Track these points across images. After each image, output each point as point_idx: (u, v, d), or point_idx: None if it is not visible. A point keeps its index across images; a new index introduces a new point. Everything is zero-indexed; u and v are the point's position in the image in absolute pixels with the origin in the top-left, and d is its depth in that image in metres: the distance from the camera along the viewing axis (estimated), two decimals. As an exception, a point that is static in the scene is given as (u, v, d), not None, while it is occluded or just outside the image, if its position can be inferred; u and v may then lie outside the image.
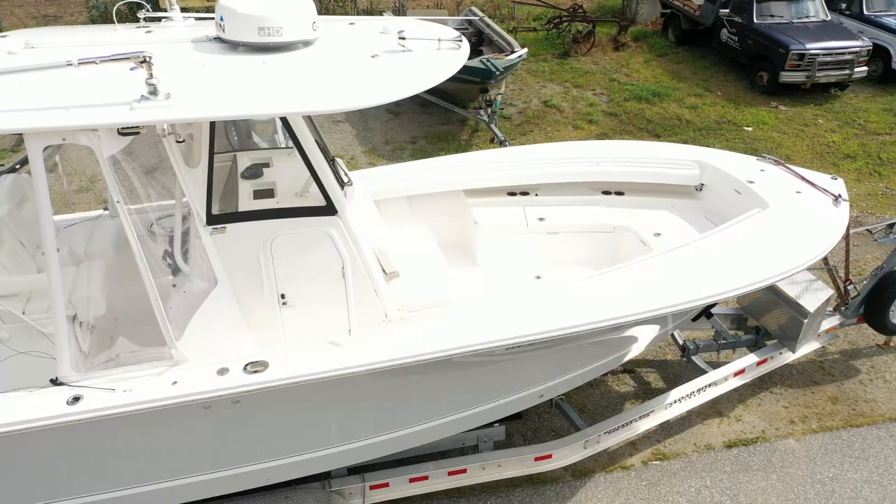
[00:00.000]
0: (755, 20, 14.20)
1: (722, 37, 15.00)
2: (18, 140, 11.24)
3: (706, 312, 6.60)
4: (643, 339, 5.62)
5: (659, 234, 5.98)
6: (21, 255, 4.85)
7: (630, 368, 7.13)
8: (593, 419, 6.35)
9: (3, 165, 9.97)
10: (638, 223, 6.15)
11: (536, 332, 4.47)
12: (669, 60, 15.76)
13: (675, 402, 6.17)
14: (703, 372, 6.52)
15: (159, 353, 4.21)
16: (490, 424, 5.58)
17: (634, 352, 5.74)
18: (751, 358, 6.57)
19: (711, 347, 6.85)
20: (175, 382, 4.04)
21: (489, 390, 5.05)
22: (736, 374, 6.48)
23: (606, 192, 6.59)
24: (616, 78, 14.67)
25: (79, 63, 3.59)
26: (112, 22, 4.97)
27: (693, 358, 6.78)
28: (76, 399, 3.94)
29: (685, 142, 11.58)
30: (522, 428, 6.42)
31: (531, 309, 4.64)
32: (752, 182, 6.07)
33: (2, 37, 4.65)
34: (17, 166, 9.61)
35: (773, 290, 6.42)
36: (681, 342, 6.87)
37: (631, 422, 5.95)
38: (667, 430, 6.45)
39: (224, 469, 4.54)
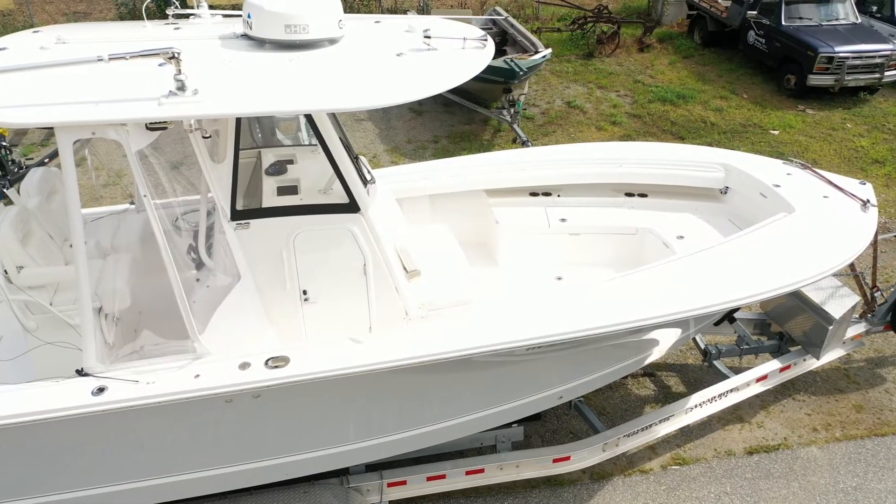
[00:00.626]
0: (783, 22, 14.03)
1: (749, 39, 14.83)
2: (47, 134, 11.43)
3: (729, 317, 6.52)
4: (664, 343, 5.58)
5: (682, 237, 5.93)
6: (49, 248, 4.93)
7: (650, 372, 7.08)
8: (612, 422, 6.31)
9: (31, 159, 10.16)
10: (661, 225, 6.11)
11: (557, 333, 4.46)
12: (695, 62, 15.62)
13: (695, 406, 6.12)
14: (725, 377, 6.45)
15: (182, 347, 4.25)
16: (508, 425, 5.58)
17: (655, 355, 5.70)
18: (774, 364, 6.50)
19: (734, 352, 6.78)
20: (197, 376, 4.08)
21: (508, 391, 5.04)
22: (758, 380, 6.41)
23: (629, 194, 6.55)
24: (640, 79, 14.57)
25: (109, 58, 3.64)
26: (140, 19, 5.04)
27: (715, 362, 6.71)
28: (101, 390, 4.00)
29: (710, 145, 11.46)
30: (541, 429, 6.40)
31: (552, 310, 4.63)
32: (777, 186, 6.00)
33: (34, 32, 4.73)
34: (46, 160, 9.80)
35: (797, 296, 6.34)
36: (702, 346, 6.81)
37: (651, 426, 5.91)
38: (687, 434, 6.39)
39: (244, 463, 4.58)
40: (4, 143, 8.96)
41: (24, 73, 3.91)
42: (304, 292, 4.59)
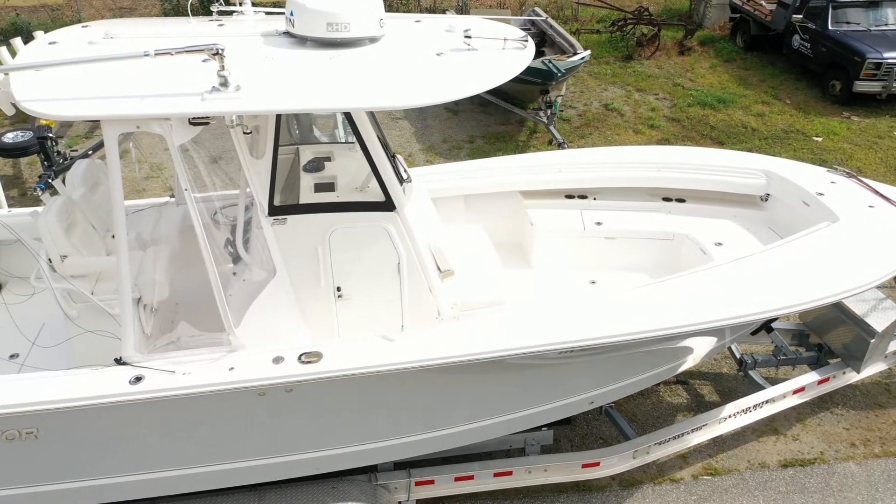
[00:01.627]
0: (830, 27, 13.71)
1: (793, 43, 14.53)
2: (92, 126, 11.69)
3: (766, 326, 6.39)
4: (699, 351, 5.50)
5: (720, 244, 5.84)
6: (92, 238, 5.04)
7: (683, 379, 6.98)
8: (643, 429, 6.23)
9: (76, 150, 10.39)
10: (699, 232, 6.02)
11: (589, 337, 4.42)
12: (737, 66, 15.35)
13: (729, 416, 6.01)
14: (761, 388, 6.33)
15: (218, 339, 4.32)
16: (538, 428, 5.54)
17: (689, 363, 5.61)
18: (812, 376, 6.35)
19: (770, 363, 6.64)
20: (232, 368, 4.14)
21: (539, 394, 5.01)
22: (795, 392, 6.28)
23: (667, 199, 6.46)
24: (680, 83, 14.37)
25: (155, 54, 3.70)
26: (184, 14, 5.12)
27: (750, 372, 6.59)
28: (138, 379, 4.08)
29: (750, 150, 11.25)
30: (570, 433, 6.35)
31: (585, 314, 4.59)
32: (821, 194, 5.87)
33: (83, 27, 4.84)
34: (90, 152, 10.01)
35: (838, 308, 6.20)
36: (738, 355, 6.69)
37: (682, 434, 5.82)
38: (719, 444, 6.29)
39: (274, 456, 4.63)
40: (51, 135, 9.19)
41: (72, 66, 4.00)
42: (338, 289, 4.62)
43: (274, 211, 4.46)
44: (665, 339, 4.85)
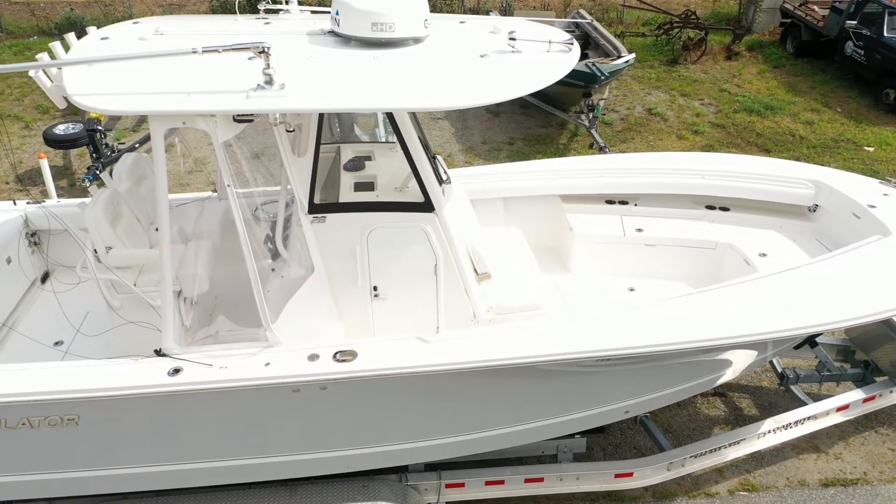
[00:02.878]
0: (886, 34, 13.29)
1: (846, 50, 14.13)
2: (139, 120, 11.94)
3: (810, 341, 6.22)
4: (739, 364, 5.37)
5: (765, 255, 5.70)
6: (136, 230, 5.13)
7: (722, 392, 6.83)
8: (679, 441, 6.12)
9: (123, 143, 10.63)
10: (743, 241, 5.88)
11: (627, 346, 4.34)
12: (786, 72, 14.99)
13: (769, 431, 5.86)
14: (803, 403, 6.16)
15: (255, 335, 4.36)
16: (571, 435, 5.48)
17: (728, 376, 5.49)
18: (857, 394, 6.16)
19: (813, 378, 6.46)
20: (268, 364, 4.17)
21: (573, 401, 4.95)
22: (839, 410, 6.09)
23: (710, 207, 6.33)
24: (726, 88, 14.09)
25: (202, 51, 3.75)
26: (232, 12, 5.19)
27: (792, 387, 6.42)
28: (176, 371, 4.14)
29: (798, 159, 10.97)
30: (604, 442, 6.27)
31: (623, 322, 4.51)
32: (872, 206, 5.68)
33: (134, 23, 4.93)
34: (137, 145, 10.22)
35: (887, 324, 6.00)
36: (780, 369, 6.52)
37: (720, 448, 5.70)
38: (758, 460, 6.13)
39: (306, 452, 4.66)
40: (100, 128, 9.41)
41: (122, 62, 4.08)
42: (375, 288, 4.63)
43: (314, 209, 4.49)
44: (704, 351, 4.74)
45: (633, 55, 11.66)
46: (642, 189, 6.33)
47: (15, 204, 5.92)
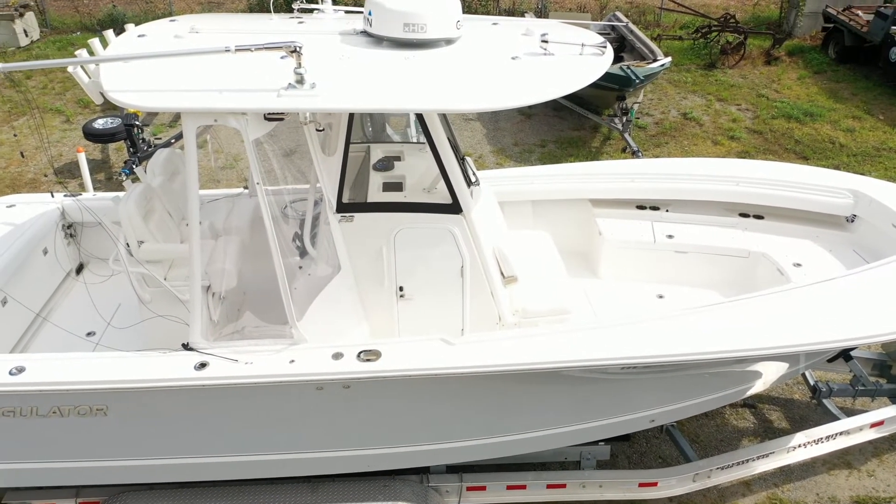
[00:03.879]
0: (932, 40, 12.94)
1: (891, 56, 13.77)
2: (175, 116, 12.14)
3: (845, 354, 6.06)
4: (769, 376, 5.26)
5: (799, 265, 5.57)
6: (168, 225, 5.21)
7: (751, 403, 6.69)
8: (705, 452, 6.01)
9: (160, 139, 10.81)
10: (776, 251, 5.76)
11: (654, 354, 4.27)
12: (827, 78, 14.66)
13: (799, 446, 5.72)
14: (835, 418, 6.00)
15: (280, 332, 4.39)
16: (595, 442, 5.42)
17: (758, 387, 5.38)
18: (892, 410, 5.98)
19: (847, 392, 6.29)
20: (292, 361, 4.20)
21: (598, 408, 4.90)
22: (873, 426, 5.92)
23: (744, 215, 6.22)
24: (764, 94, 13.83)
25: (236, 49, 3.79)
26: (269, 11, 5.24)
27: (824, 401, 6.26)
28: (203, 365, 4.18)
29: (837, 167, 10.73)
30: (628, 450, 6.19)
31: (651, 329, 4.44)
32: (914, 218, 5.53)
33: (171, 21, 5.01)
34: (173, 140, 10.39)
35: (926, 339, 5.81)
36: (812, 382, 6.37)
37: (748, 460, 5.58)
38: (787, 474, 6.00)
39: (328, 450, 4.68)
40: (137, 123, 9.58)
41: (157, 59, 4.14)
42: (401, 289, 4.63)
43: (342, 208, 4.50)
44: (734, 362, 4.65)
45: (669, 59, 11.52)
46: (674, 195, 6.24)
47: (52, 196, 6.06)
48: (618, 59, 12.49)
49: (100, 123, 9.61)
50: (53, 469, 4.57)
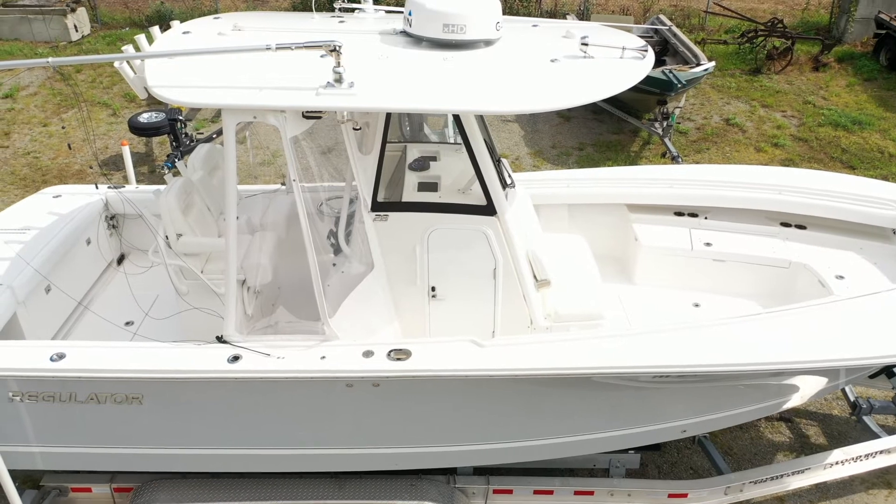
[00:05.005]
0: None
1: (946, 64, 13.34)
2: (217, 111, 12.33)
3: (888, 371, 5.88)
4: (808, 390, 5.13)
5: (842, 278, 5.42)
6: (206, 219, 5.30)
7: (788, 417, 6.54)
8: (738, 465, 5.89)
9: (202, 133, 11.00)
10: (819, 262, 5.61)
11: (688, 364, 4.20)
12: (878, 86, 14.25)
13: (836, 463, 5.58)
14: (876, 436, 5.83)
15: (313, 328, 4.43)
16: (625, 450, 5.35)
17: (795, 401, 5.24)
18: (936, 430, 5.80)
19: (889, 410, 6.11)
20: (323, 357, 4.23)
21: (629, 416, 4.83)
22: (915, 445, 5.74)
23: (786, 224, 6.07)
24: (811, 100, 13.50)
25: (276, 47, 3.83)
26: (311, 10, 5.29)
27: (864, 418, 6.08)
28: (236, 358, 4.24)
29: (885, 178, 10.42)
30: (659, 459, 6.09)
31: (685, 338, 4.37)
32: (965, 232, 5.34)
33: (215, 18, 5.09)
34: (215, 136, 10.57)
35: (974, 358, 5.61)
36: (852, 398, 6.20)
37: (782, 475, 5.46)
38: (823, 491, 5.85)
39: (356, 447, 4.71)
40: (181, 117, 9.77)
41: (200, 55, 4.21)
42: (433, 289, 4.63)
43: (376, 207, 4.53)
44: (771, 375, 4.55)
45: (713, 63, 11.31)
46: (713, 202, 6.13)
47: (97, 188, 6.21)
48: (660, 62, 12.33)
49: (144, 117, 9.80)
50: (89, 454, 4.68)
